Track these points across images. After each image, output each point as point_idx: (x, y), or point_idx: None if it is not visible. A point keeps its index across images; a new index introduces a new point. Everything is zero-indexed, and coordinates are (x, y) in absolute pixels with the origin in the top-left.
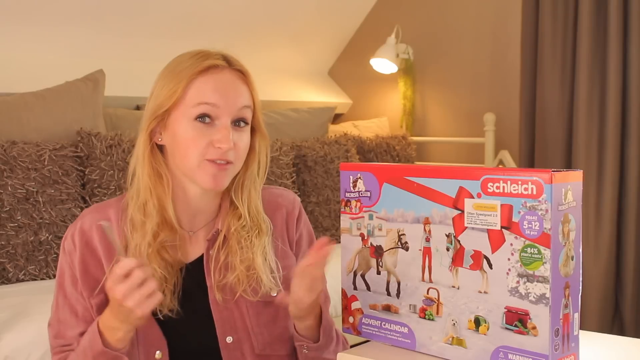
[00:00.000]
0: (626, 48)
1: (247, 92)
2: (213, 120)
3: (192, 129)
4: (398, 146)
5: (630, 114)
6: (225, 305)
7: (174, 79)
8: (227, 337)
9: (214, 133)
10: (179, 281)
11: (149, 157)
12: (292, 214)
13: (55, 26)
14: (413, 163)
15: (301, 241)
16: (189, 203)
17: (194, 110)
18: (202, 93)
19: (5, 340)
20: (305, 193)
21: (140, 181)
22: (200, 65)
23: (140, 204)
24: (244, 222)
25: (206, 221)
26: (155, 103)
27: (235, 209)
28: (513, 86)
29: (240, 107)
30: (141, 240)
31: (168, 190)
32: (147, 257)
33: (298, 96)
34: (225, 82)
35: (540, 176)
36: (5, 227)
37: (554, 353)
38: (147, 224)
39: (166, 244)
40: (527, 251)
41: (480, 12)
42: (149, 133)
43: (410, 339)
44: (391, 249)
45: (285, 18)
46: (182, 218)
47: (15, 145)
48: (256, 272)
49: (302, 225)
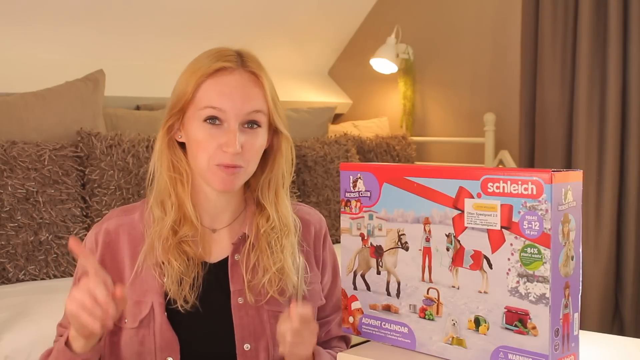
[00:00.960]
0: (626, 48)
1: (258, 95)
2: (222, 122)
3: (202, 131)
4: (398, 146)
5: (630, 114)
6: (246, 312)
7: (188, 79)
8: (245, 345)
9: (222, 136)
10: (199, 276)
11: (166, 153)
12: (320, 233)
13: (55, 26)
14: (413, 163)
15: (327, 263)
16: (209, 201)
17: (201, 112)
18: (209, 96)
19: (5, 340)
20: (305, 193)
21: (159, 177)
22: (210, 67)
23: (159, 200)
24: (273, 224)
25: (229, 221)
26: (172, 100)
27: (262, 209)
28: (513, 86)
29: (248, 112)
30: (159, 235)
31: (187, 186)
32: (165, 250)
33: (298, 96)
34: (233, 85)
35: (540, 176)
36: (5, 227)
37: (554, 353)
38: (166, 219)
39: (187, 239)
40: (527, 251)
41: (480, 12)
42: (166, 129)
43: (410, 339)
44: (391, 249)
45: (285, 18)
46: (203, 215)
47: (15, 145)
48: (286, 272)
49: (327, 246)
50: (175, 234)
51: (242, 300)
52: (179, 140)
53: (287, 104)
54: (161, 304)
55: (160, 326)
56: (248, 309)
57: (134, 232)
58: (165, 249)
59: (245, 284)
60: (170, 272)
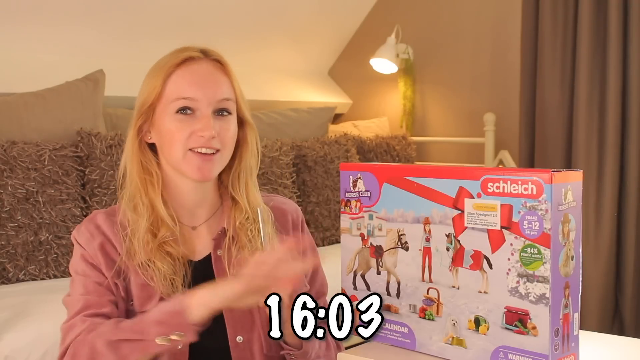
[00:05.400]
0: (626, 48)
1: (226, 83)
2: (194, 111)
3: (174, 122)
4: (398, 146)
5: (630, 114)
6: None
7: (154, 76)
8: (238, 337)
9: (196, 123)
10: (188, 275)
11: (137, 154)
12: (297, 220)
13: (55, 26)
14: (413, 163)
15: (307, 250)
16: (185, 198)
17: (173, 105)
18: (180, 87)
19: (5, 340)
20: (305, 193)
21: (131, 179)
22: (176, 58)
23: (131, 202)
24: (246, 215)
25: (207, 216)
26: (139, 100)
27: (237, 203)
28: (513, 86)
29: (219, 99)
30: (135, 238)
31: (158, 187)
32: (147, 253)
33: (298, 96)
34: (202, 73)
35: (540, 176)
36: (5, 227)
37: (554, 353)
38: (140, 221)
39: (167, 240)
40: (527, 251)
41: (480, 12)
42: (136, 130)
43: (410, 339)
44: (391, 249)
45: (285, 18)
46: (181, 213)
47: (15, 145)
48: None
49: (306, 235)
50: (154, 236)
51: None
52: (148, 142)
53: (287, 104)
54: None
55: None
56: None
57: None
58: (147, 252)
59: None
60: (158, 275)
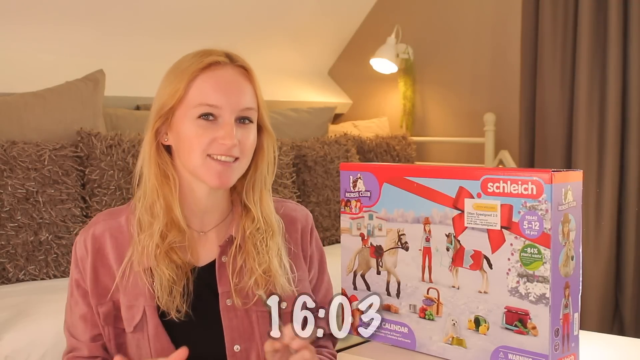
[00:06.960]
0: (626, 48)
1: (250, 91)
2: (216, 117)
3: (195, 127)
4: (398, 146)
5: (630, 114)
6: (235, 314)
7: (176, 78)
8: (235, 346)
9: (218, 130)
10: (189, 283)
11: (154, 157)
12: (306, 228)
13: (55, 26)
14: (413, 163)
15: (314, 257)
16: (197, 203)
17: (195, 110)
18: (204, 93)
19: (5, 340)
20: (305, 193)
21: (147, 182)
22: (201, 62)
23: (147, 205)
24: (258, 225)
25: (216, 222)
26: (159, 102)
27: (248, 211)
28: (513, 86)
29: (243, 108)
30: (149, 241)
31: (175, 190)
32: (155, 258)
33: (298, 96)
34: (226, 80)
35: (540, 176)
36: (5, 227)
37: (554, 353)
38: (155, 224)
39: (175, 245)
40: (527, 251)
41: (480, 12)
42: (154, 132)
43: (410, 339)
44: (391, 249)
45: (285, 18)
46: (191, 218)
47: (15, 145)
48: (272, 274)
49: (314, 241)
50: (164, 239)
51: (230, 302)
52: (165, 144)
53: (287, 104)
54: (153, 308)
55: (155, 330)
56: (237, 311)
57: (120, 236)
58: (155, 256)
59: (232, 286)
60: (161, 281)
